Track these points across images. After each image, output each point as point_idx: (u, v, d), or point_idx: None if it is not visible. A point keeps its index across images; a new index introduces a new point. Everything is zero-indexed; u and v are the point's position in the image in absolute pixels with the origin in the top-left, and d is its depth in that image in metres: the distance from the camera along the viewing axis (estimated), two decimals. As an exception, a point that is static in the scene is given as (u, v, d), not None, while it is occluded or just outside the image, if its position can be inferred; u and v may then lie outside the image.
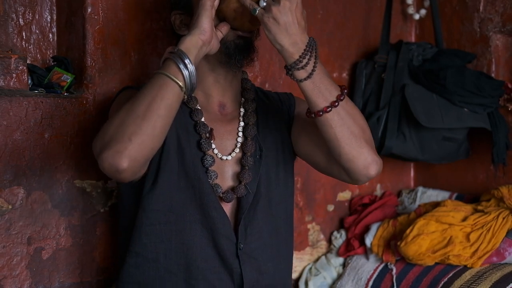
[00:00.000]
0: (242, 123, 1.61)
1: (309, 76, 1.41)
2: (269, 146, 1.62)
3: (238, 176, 1.57)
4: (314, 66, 1.41)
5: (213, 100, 1.60)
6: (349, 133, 1.43)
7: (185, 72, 1.34)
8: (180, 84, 1.33)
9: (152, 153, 1.34)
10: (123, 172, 1.29)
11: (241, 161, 1.58)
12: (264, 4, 1.40)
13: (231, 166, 1.58)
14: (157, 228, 1.51)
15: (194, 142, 1.54)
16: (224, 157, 1.57)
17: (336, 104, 1.42)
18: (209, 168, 1.53)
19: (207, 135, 1.55)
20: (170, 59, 1.36)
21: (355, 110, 1.47)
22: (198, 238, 1.51)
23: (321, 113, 1.42)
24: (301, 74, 1.41)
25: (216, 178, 1.54)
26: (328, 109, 1.41)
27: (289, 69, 1.42)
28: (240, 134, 1.60)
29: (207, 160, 1.53)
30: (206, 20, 1.40)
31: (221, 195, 1.54)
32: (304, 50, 1.40)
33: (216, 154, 1.56)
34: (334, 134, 1.43)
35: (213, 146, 1.56)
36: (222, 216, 1.53)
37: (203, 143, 1.53)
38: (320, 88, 1.41)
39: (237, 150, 1.58)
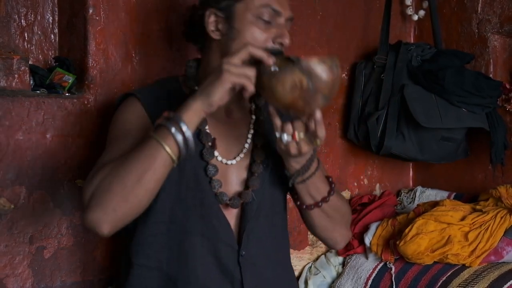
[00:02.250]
0: (252, 130, 1.59)
1: (304, 181, 1.50)
2: (274, 155, 1.60)
3: (243, 182, 1.56)
4: (310, 174, 1.49)
5: (220, 106, 1.55)
6: (328, 222, 1.59)
7: (182, 146, 1.30)
8: (174, 158, 1.30)
9: (135, 217, 1.35)
10: (103, 235, 1.31)
11: (250, 168, 1.57)
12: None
13: (236, 171, 1.56)
14: (159, 238, 1.50)
15: (196, 151, 1.50)
16: (229, 162, 1.55)
17: (320, 204, 1.54)
18: (213, 178, 1.51)
19: (210, 144, 1.52)
20: (165, 127, 1.29)
21: (339, 201, 1.60)
22: (199, 247, 1.50)
23: (304, 206, 1.56)
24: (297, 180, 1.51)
25: (220, 187, 1.52)
26: (312, 207, 1.55)
27: (289, 177, 1.50)
28: (249, 140, 1.58)
29: (210, 170, 1.51)
30: (219, 96, 1.32)
31: (228, 202, 1.53)
32: (306, 163, 1.48)
33: (221, 160, 1.54)
34: (313, 223, 1.60)
35: (216, 154, 1.53)
36: (224, 225, 1.52)
37: (205, 153, 1.51)
38: (309, 190, 1.52)
39: (242, 155, 1.57)
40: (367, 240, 2.18)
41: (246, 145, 1.58)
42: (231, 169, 1.55)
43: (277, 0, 1.49)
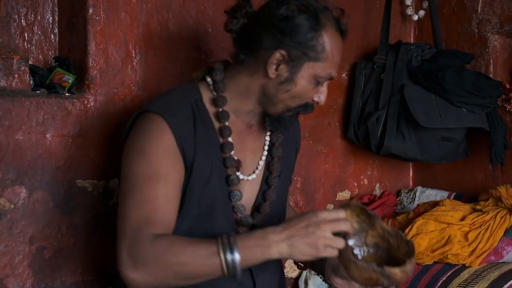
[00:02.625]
0: (268, 142, 1.60)
1: None
2: (285, 167, 1.65)
3: (258, 193, 1.58)
4: None
5: (243, 121, 1.56)
6: None
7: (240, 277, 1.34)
8: (226, 275, 1.33)
9: None
10: None
11: (266, 181, 1.58)
12: None
13: (252, 184, 1.57)
14: None
15: (223, 176, 1.52)
16: (250, 177, 1.56)
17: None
18: (237, 203, 1.53)
19: (235, 169, 1.53)
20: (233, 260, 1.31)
21: None
22: None
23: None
24: None
25: (245, 211, 1.54)
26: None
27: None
28: (266, 153, 1.59)
29: (235, 196, 1.52)
30: (304, 259, 1.36)
31: (249, 219, 1.55)
32: None
33: (242, 178, 1.55)
34: None
35: (240, 175, 1.54)
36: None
37: (231, 180, 1.51)
38: None
39: (260, 168, 1.58)
40: (367, 240, 2.18)
41: (263, 158, 1.59)
42: (247, 184, 1.56)
43: (336, 66, 1.49)
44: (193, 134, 1.46)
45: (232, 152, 1.52)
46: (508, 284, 1.84)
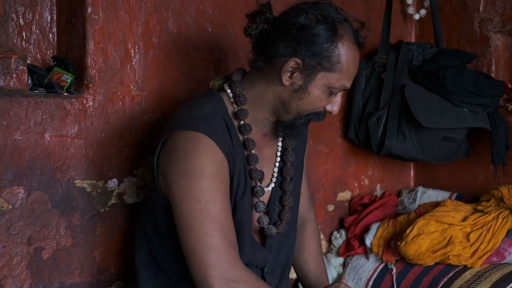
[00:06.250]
0: (280, 148, 1.63)
1: None
2: (297, 171, 1.68)
3: (277, 200, 1.61)
4: None
5: (258, 130, 1.59)
6: None
7: None
8: None
9: None
10: None
11: (281, 186, 1.61)
12: None
13: (267, 193, 1.61)
14: None
15: (249, 188, 1.55)
16: (269, 188, 1.60)
17: None
18: (262, 214, 1.58)
19: (259, 181, 1.57)
20: None
21: None
22: None
23: None
24: None
25: (268, 223, 1.58)
26: None
27: None
28: (279, 159, 1.62)
29: (259, 207, 1.56)
30: None
31: (273, 229, 1.58)
32: None
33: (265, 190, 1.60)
34: None
35: (261, 185, 1.58)
36: (261, 250, 1.58)
37: (257, 191, 1.56)
38: None
39: (276, 175, 1.61)
40: (367, 241, 2.17)
41: (277, 164, 1.62)
42: (267, 194, 1.60)
43: (351, 78, 1.51)
44: (231, 148, 1.48)
45: (257, 164, 1.55)
46: (511, 285, 1.82)
